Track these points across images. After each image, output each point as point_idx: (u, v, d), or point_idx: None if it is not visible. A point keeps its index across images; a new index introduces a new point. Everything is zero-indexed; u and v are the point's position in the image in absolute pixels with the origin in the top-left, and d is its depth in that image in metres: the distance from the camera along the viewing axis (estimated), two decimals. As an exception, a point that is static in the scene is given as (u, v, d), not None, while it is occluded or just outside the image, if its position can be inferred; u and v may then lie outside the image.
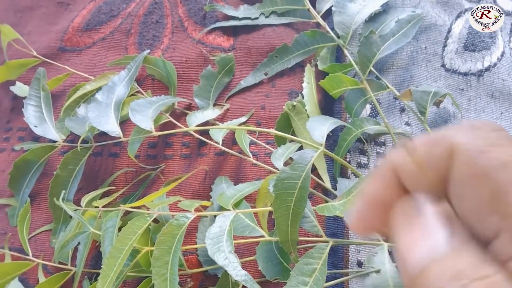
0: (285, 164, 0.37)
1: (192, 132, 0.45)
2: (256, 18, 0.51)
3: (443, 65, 0.47)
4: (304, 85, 0.46)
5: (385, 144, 0.44)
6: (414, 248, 0.15)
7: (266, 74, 0.48)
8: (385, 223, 0.17)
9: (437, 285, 0.14)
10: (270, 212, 0.38)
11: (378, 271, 0.34)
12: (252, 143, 0.44)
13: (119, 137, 0.39)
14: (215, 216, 0.36)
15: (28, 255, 0.41)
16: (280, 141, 0.42)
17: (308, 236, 0.38)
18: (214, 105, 0.47)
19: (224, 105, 0.47)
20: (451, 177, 0.15)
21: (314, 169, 0.42)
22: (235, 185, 0.41)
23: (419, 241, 0.15)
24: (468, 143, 0.15)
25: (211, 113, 0.45)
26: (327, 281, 0.38)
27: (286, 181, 0.33)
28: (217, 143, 0.43)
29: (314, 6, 0.49)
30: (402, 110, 0.46)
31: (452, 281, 0.13)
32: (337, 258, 0.40)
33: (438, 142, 0.16)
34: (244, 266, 0.39)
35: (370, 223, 0.17)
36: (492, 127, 0.16)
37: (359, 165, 0.43)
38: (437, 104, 0.44)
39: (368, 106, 0.45)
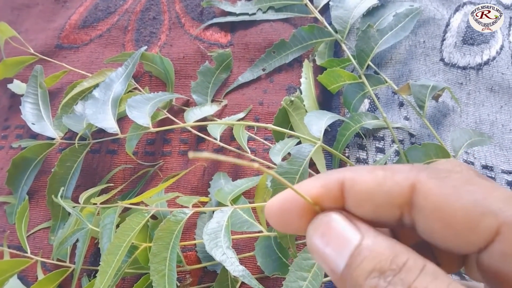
0: (284, 159, 0.37)
1: (190, 129, 0.45)
2: (254, 14, 0.50)
3: (441, 59, 0.47)
4: (302, 80, 0.46)
5: (384, 139, 0.44)
6: (334, 250, 0.17)
7: (264, 69, 0.48)
8: (295, 227, 0.19)
9: (366, 272, 0.16)
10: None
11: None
12: (250, 139, 0.44)
13: (117, 134, 0.39)
14: (213, 212, 0.36)
15: (26, 253, 0.41)
16: (278, 137, 0.41)
17: (306, 231, 0.38)
18: (212, 101, 0.47)
19: (222, 101, 0.47)
20: (414, 211, 0.17)
21: (313, 164, 0.42)
22: (233, 181, 0.40)
23: (337, 244, 0.17)
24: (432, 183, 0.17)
25: (209, 109, 0.45)
26: (326, 276, 0.38)
27: (284, 176, 0.32)
28: (215, 139, 0.43)
29: (311, 1, 0.49)
30: (401, 104, 0.45)
31: (374, 267, 0.16)
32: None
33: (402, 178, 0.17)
34: (243, 261, 0.39)
35: (289, 220, 0.18)
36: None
37: (358, 160, 0.43)
38: (436, 98, 0.44)
39: (366, 101, 0.45)
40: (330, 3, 0.46)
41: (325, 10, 0.49)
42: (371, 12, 0.47)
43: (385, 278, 0.15)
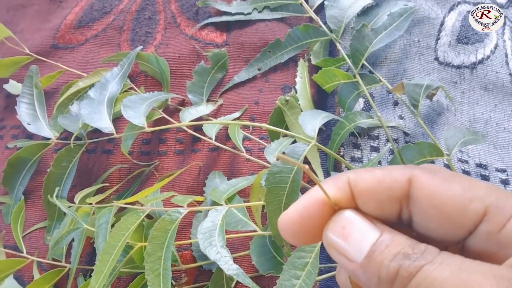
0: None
1: (185, 128, 0.45)
2: (249, 13, 0.50)
3: (436, 58, 0.47)
4: (297, 79, 0.46)
5: (379, 138, 0.44)
6: (354, 243, 0.19)
7: (259, 69, 0.48)
8: (311, 236, 0.20)
9: (390, 257, 0.18)
10: (264, 207, 0.38)
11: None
12: (245, 138, 0.44)
13: (112, 134, 0.39)
14: (208, 211, 0.36)
15: (22, 253, 0.41)
16: (274, 136, 0.41)
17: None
18: (208, 100, 0.47)
19: (217, 101, 0.47)
20: (412, 203, 0.19)
21: (307, 164, 0.42)
22: (228, 180, 0.41)
23: (357, 237, 0.19)
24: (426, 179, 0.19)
25: (205, 108, 0.45)
26: (319, 274, 0.38)
27: (278, 175, 0.33)
28: (210, 138, 0.43)
29: (306, 1, 0.49)
30: (396, 103, 0.46)
31: (398, 251, 0.18)
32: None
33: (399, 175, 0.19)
34: (238, 261, 0.39)
35: (308, 228, 0.20)
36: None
37: (353, 159, 0.43)
38: (430, 97, 0.44)
39: (361, 100, 0.45)
40: (325, 2, 0.47)
41: (320, 9, 0.49)
42: (365, 12, 0.47)
43: (410, 258, 0.17)
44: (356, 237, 0.19)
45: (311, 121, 0.37)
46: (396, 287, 0.18)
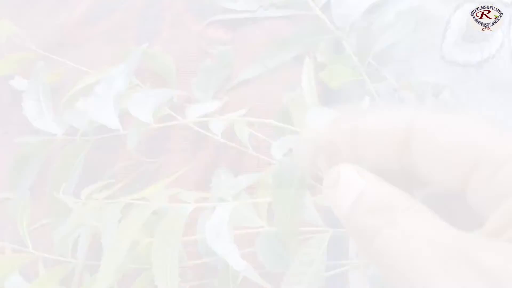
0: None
1: (191, 125, 0.45)
2: (255, 11, 0.50)
3: (442, 57, 0.47)
4: (303, 77, 0.46)
5: (385, 135, 0.44)
6: (342, 196, 0.19)
7: (265, 66, 0.48)
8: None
9: (363, 212, 0.17)
10: (271, 204, 0.38)
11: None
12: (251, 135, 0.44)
13: (118, 130, 0.39)
14: (215, 208, 0.36)
15: (28, 248, 0.41)
16: (280, 133, 0.41)
17: (308, 227, 0.38)
18: (213, 98, 0.47)
19: (223, 98, 0.47)
20: (410, 151, 0.18)
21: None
22: (234, 177, 0.41)
23: (344, 191, 0.19)
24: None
25: (211, 105, 0.45)
26: (327, 271, 0.38)
27: (286, 171, 0.33)
28: (216, 135, 0.43)
29: (313, -2, 0.49)
30: (401, 101, 0.46)
31: (368, 207, 0.17)
32: (337, 249, 0.40)
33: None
34: (244, 257, 0.39)
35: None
36: None
37: (359, 157, 0.43)
38: (436, 95, 0.44)
39: (367, 98, 0.45)
40: (332, 0, 0.47)
41: (326, 7, 0.49)
42: (372, 10, 0.47)
43: (373, 215, 0.17)
44: (344, 191, 0.19)
45: (318, 118, 0.37)
46: (363, 248, 0.17)
